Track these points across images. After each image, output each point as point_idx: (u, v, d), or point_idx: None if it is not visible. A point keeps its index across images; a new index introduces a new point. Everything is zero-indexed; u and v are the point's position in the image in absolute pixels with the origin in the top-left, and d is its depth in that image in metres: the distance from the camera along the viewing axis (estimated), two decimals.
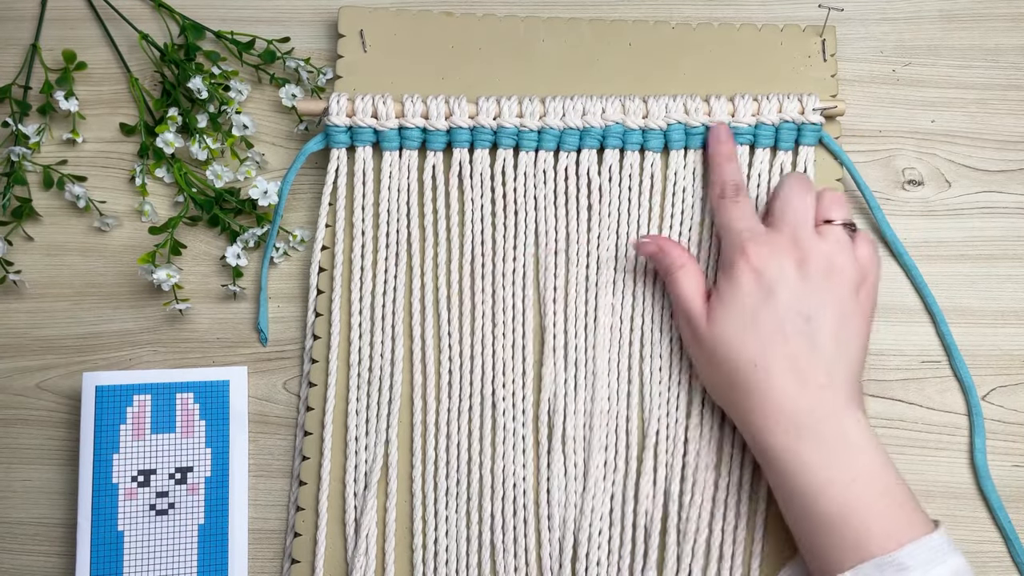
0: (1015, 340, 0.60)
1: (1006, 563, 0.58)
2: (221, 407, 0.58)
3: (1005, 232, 0.62)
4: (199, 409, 0.57)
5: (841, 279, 0.52)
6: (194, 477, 0.57)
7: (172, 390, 0.57)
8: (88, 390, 0.57)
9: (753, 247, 0.53)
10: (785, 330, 0.51)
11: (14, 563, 0.59)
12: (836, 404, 0.51)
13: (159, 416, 0.57)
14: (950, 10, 0.65)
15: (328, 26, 0.65)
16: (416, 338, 0.59)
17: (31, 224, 0.63)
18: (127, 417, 0.56)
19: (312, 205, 0.63)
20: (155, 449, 0.57)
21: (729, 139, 0.59)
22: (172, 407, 0.57)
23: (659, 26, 0.63)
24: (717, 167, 0.58)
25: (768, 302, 0.52)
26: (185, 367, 0.61)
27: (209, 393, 0.57)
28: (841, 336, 0.52)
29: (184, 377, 0.58)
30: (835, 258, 0.53)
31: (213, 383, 0.58)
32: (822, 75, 0.62)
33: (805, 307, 0.52)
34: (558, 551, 0.57)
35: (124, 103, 0.65)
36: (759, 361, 0.51)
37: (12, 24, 0.66)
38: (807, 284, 0.52)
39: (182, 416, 0.57)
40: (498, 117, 0.59)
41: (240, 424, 0.58)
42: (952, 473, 0.59)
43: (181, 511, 0.57)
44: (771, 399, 0.51)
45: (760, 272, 0.52)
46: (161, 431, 0.57)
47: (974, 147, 0.63)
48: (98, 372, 0.57)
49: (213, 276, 0.62)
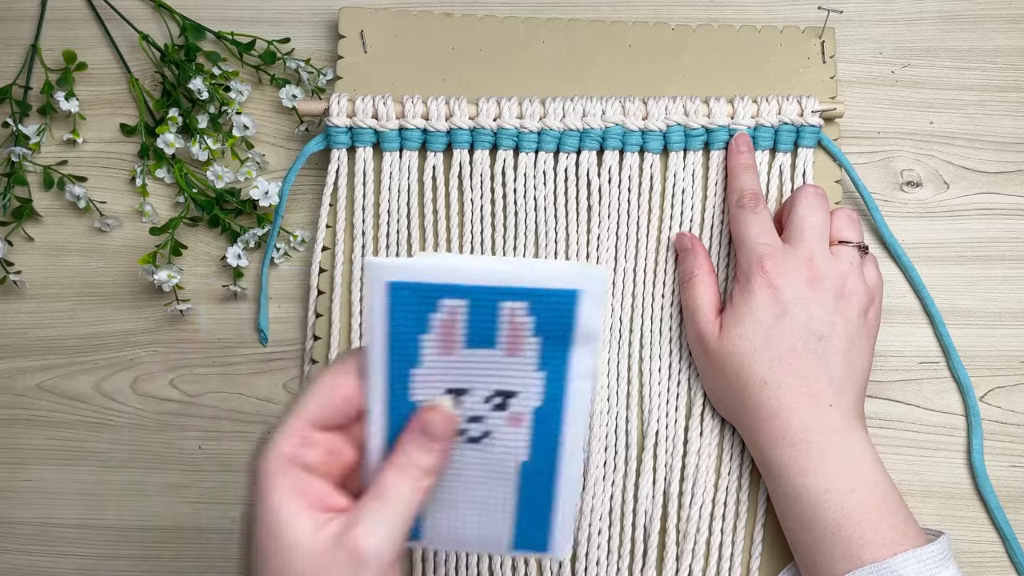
0: (1013, 341, 0.61)
1: (1004, 563, 0.58)
2: (564, 323, 0.41)
3: (1003, 234, 0.62)
4: (532, 323, 0.41)
5: (852, 300, 0.53)
6: (519, 404, 0.43)
7: (496, 297, 0.40)
8: (378, 287, 0.40)
9: (771, 263, 0.53)
10: (797, 348, 0.52)
11: (15, 563, 0.59)
12: (841, 423, 0.51)
13: (476, 327, 0.41)
14: (949, 12, 0.65)
15: (328, 27, 0.65)
16: None
17: (31, 224, 0.63)
18: (432, 326, 0.41)
19: (313, 206, 0.63)
20: (469, 366, 0.42)
21: (749, 149, 0.58)
22: (494, 318, 0.41)
23: (659, 27, 0.63)
24: (736, 177, 0.58)
25: (782, 320, 0.52)
26: (188, 366, 0.61)
27: (550, 304, 0.41)
28: (850, 356, 0.52)
29: (514, 280, 0.40)
30: (848, 280, 0.53)
31: (556, 293, 0.40)
32: (821, 77, 0.62)
33: (818, 326, 0.52)
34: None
35: (124, 103, 0.65)
36: (770, 379, 0.51)
37: (12, 24, 0.66)
38: (821, 304, 0.52)
39: (508, 329, 0.41)
40: (498, 118, 0.59)
41: (589, 347, 0.42)
42: (950, 474, 0.59)
43: (498, 443, 0.43)
44: (779, 416, 0.51)
45: (777, 288, 0.52)
46: (478, 345, 0.41)
47: (972, 149, 0.63)
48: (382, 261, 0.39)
49: (214, 277, 0.62)
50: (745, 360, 0.52)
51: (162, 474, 0.60)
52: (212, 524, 0.59)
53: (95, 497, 0.60)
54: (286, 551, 0.35)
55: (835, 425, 0.51)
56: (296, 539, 0.35)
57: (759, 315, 0.52)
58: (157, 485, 0.60)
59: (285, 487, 0.37)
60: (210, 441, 0.60)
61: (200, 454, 0.60)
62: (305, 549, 0.35)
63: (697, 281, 0.56)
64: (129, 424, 0.60)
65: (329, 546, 0.35)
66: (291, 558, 0.35)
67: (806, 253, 0.53)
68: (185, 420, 0.60)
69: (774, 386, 0.51)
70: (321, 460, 0.38)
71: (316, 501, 0.37)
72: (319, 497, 0.37)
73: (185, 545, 0.59)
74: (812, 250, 0.53)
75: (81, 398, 0.61)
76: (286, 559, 0.35)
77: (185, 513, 0.59)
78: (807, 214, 0.54)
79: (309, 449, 0.38)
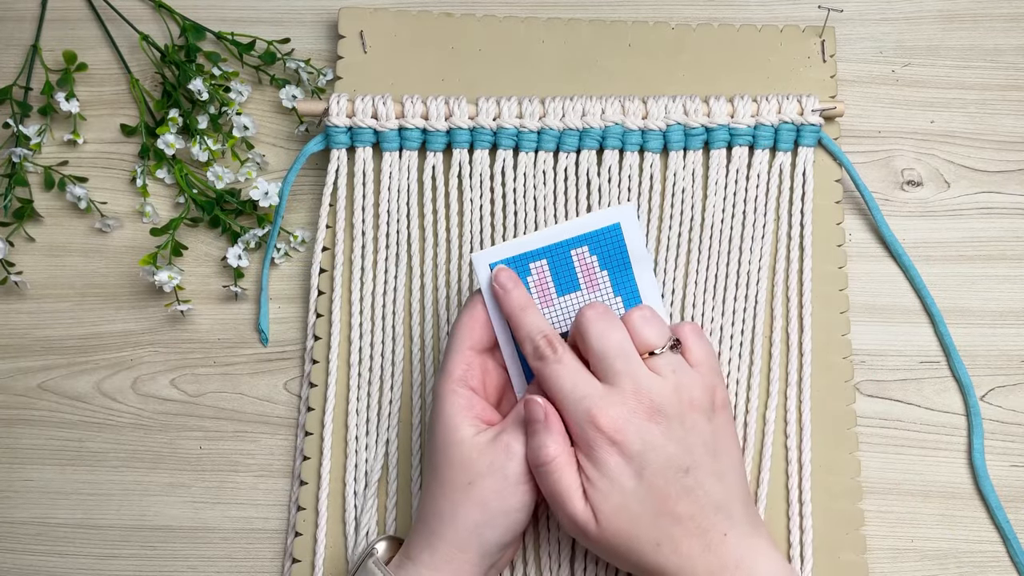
0: (1014, 340, 0.60)
1: (1004, 563, 0.58)
2: (619, 252, 0.52)
3: (1004, 233, 0.62)
4: (597, 260, 0.52)
5: (695, 413, 0.49)
6: None
7: (566, 247, 0.52)
8: (483, 270, 0.51)
9: (602, 417, 0.47)
10: (671, 494, 0.47)
11: (16, 563, 0.59)
12: (743, 548, 0.48)
13: (560, 278, 0.52)
14: (950, 10, 0.65)
15: (328, 27, 0.65)
16: (416, 338, 0.59)
17: (32, 225, 0.63)
18: (530, 287, 0.52)
19: (312, 206, 0.63)
20: (567, 311, 0.53)
21: (516, 284, 0.51)
22: (570, 265, 0.52)
23: (659, 27, 0.63)
24: (519, 324, 0.50)
25: (643, 475, 0.47)
26: (189, 366, 0.61)
27: (603, 241, 0.52)
28: (720, 469, 0.49)
29: (573, 231, 0.52)
30: (682, 392, 0.48)
31: (604, 230, 0.52)
32: (821, 76, 0.62)
33: (679, 461, 0.48)
34: (558, 551, 0.57)
35: (125, 104, 0.65)
36: (661, 539, 0.48)
37: (12, 25, 0.66)
38: (670, 435, 0.48)
39: (583, 271, 0.52)
40: (498, 118, 0.59)
41: (644, 264, 0.52)
42: (950, 473, 0.59)
43: None
44: (684, 569, 0.48)
45: (622, 444, 0.47)
46: (566, 292, 0.52)
47: (973, 148, 0.63)
48: (481, 252, 0.51)
49: (214, 277, 0.62)
50: (631, 533, 0.48)
51: (162, 474, 0.60)
52: (212, 524, 0.59)
53: (95, 497, 0.60)
54: (456, 444, 0.50)
55: (738, 555, 0.48)
56: (463, 437, 0.50)
57: (620, 481, 0.47)
58: (157, 485, 0.60)
59: (456, 403, 0.50)
60: (210, 441, 0.60)
61: (200, 454, 0.60)
62: (470, 444, 0.50)
63: (559, 464, 0.48)
64: (129, 424, 0.61)
65: (488, 442, 0.50)
66: (460, 449, 0.50)
67: (629, 386, 0.48)
68: (185, 420, 0.60)
69: (667, 543, 0.48)
70: (480, 381, 0.52)
71: (479, 413, 0.51)
72: (480, 411, 0.51)
73: (185, 545, 0.59)
74: (632, 378, 0.48)
75: (82, 398, 0.61)
76: (456, 450, 0.50)
77: (185, 513, 0.59)
78: (602, 336, 0.49)
79: (472, 372, 0.51)
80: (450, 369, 0.51)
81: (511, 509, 0.49)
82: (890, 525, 0.58)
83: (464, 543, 0.49)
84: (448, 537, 0.49)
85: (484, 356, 0.52)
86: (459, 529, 0.49)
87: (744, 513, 0.49)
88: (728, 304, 0.59)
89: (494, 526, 0.49)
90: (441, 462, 0.50)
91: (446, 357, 0.52)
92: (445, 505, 0.50)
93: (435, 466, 0.51)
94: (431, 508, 0.50)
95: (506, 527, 0.50)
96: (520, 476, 0.49)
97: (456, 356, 0.51)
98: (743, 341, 0.59)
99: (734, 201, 0.60)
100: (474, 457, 0.49)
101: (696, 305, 0.59)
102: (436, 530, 0.50)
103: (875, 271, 0.61)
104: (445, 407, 0.51)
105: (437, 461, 0.51)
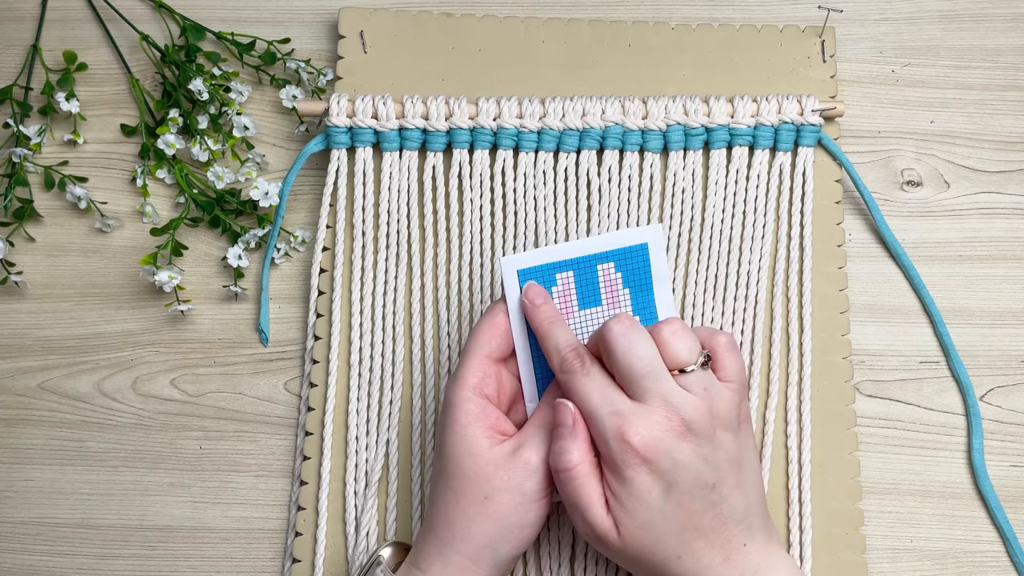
0: (1013, 341, 0.61)
1: (1004, 563, 0.58)
2: (643, 272, 0.52)
3: (1004, 233, 0.62)
4: (621, 278, 0.52)
5: (723, 430, 0.48)
6: None
7: (593, 262, 0.52)
8: (510, 275, 0.51)
9: (634, 434, 0.46)
10: (696, 509, 0.47)
11: (15, 563, 0.59)
12: (759, 556, 0.49)
13: (583, 291, 0.52)
14: (949, 11, 0.65)
15: (328, 27, 0.65)
16: (416, 338, 0.59)
17: (32, 225, 0.63)
18: (554, 296, 0.52)
19: (313, 206, 0.63)
20: (586, 325, 0.53)
21: (546, 299, 0.51)
22: (595, 279, 0.52)
23: (658, 27, 0.63)
24: (546, 335, 0.50)
25: (671, 492, 0.47)
26: (189, 366, 0.61)
27: (629, 259, 0.52)
28: (743, 481, 0.49)
29: (602, 246, 0.52)
30: (712, 411, 0.47)
31: (631, 248, 0.52)
32: (821, 76, 0.62)
33: (705, 478, 0.47)
34: (558, 551, 0.57)
35: (125, 104, 0.65)
36: (683, 552, 0.47)
37: (12, 24, 0.66)
38: (699, 453, 0.47)
39: (606, 287, 0.52)
40: (498, 118, 0.59)
41: (664, 285, 0.53)
42: (950, 473, 0.59)
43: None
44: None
45: (653, 462, 0.46)
46: (588, 306, 0.52)
47: (973, 148, 0.63)
48: (511, 256, 0.51)
49: (214, 277, 0.62)
50: (654, 548, 0.47)
51: (162, 474, 0.60)
52: (212, 524, 0.59)
53: (95, 497, 0.60)
54: (471, 456, 0.49)
55: (756, 563, 0.48)
56: (479, 449, 0.49)
57: (647, 498, 0.46)
58: (157, 485, 0.60)
59: (471, 412, 0.49)
60: (210, 441, 0.60)
61: (200, 454, 0.60)
62: (486, 457, 0.49)
63: (580, 471, 0.47)
64: (130, 424, 0.61)
65: (506, 457, 0.49)
66: (475, 461, 0.49)
67: (659, 404, 0.47)
68: (185, 420, 0.60)
69: (689, 556, 0.47)
70: (494, 391, 0.51)
71: (493, 423, 0.50)
72: (494, 420, 0.50)
73: (185, 545, 0.59)
74: (663, 395, 0.47)
75: (82, 398, 0.61)
76: (472, 461, 0.49)
77: (185, 513, 0.59)
78: (630, 351, 0.47)
79: (488, 380, 0.50)
80: (465, 376, 0.50)
81: (527, 524, 0.49)
82: (889, 525, 0.58)
83: (477, 556, 0.49)
84: (462, 550, 0.49)
85: (499, 365, 0.52)
86: (473, 543, 0.49)
87: (761, 521, 0.49)
88: (728, 304, 0.59)
89: (509, 540, 0.49)
90: (454, 472, 0.49)
91: (461, 363, 0.51)
92: (459, 517, 0.49)
93: (448, 475, 0.50)
94: (442, 518, 0.50)
95: (520, 540, 0.49)
96: (537, 492, 0.49)
97: (472, 363, 0.50)
98: (743, 341, 0.59)
99: (734, 201, 0.60)
100: (491, 472, 0.49)
101: (696, 305, 0.59)
102: (448, 541, 0.49)
103: (875, 271, 0.61)
104: (459, 415, 0.49)
105: (450, 470, 0.49)
